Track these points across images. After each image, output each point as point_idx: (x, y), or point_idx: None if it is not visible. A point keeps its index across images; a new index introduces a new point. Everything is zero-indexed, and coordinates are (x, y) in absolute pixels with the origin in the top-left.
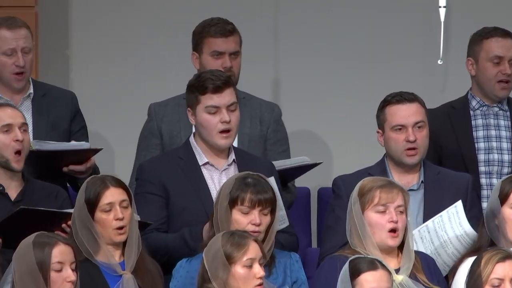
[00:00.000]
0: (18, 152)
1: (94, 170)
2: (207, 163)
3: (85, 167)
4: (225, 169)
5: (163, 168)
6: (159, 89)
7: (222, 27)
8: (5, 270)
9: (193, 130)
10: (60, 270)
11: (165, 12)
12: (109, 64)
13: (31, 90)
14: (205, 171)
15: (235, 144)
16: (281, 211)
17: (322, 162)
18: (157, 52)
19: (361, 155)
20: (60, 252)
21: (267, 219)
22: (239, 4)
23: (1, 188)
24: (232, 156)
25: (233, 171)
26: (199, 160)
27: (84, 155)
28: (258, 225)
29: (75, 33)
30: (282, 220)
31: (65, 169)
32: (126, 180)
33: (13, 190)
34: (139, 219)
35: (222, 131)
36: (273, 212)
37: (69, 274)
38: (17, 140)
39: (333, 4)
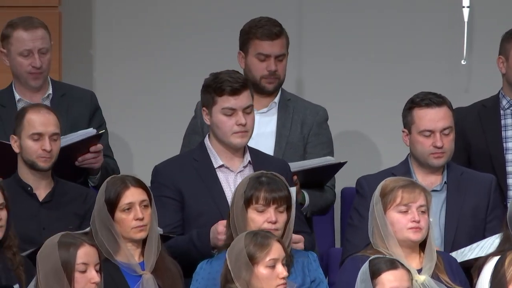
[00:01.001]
0: (42, 157)
1: (114, 170)
2: (222, 165)
3: (94, 155)
4: (240, 171)
5: (178, 171)
6: (182, 89)
7: (269, 30)
8: (30, 272)
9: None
10: (84, 271)
11: (189, 12)
12: (132, 63)
13: (50, 91)
14: (220, 174)
15: (272, 145)
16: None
17: (346, 162)
18: (181, 52)
19: (385, 154)
20: (85, 253)
21: (283, 217)
22: (262, 5)
23: (29, 188)
24: (248, 157)
25: (248, 173)
26: (214, 163)
27: (89, 144)
28: (274, 223)
29: (98, 33)
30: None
31: (76, 163)
32: (146, 180)
33: (41, 191)
34: (162, 232)
35: (237, 132)
36: (288, 209)
37: (93, 275)
38: (44, 150)
39: (357, 4)
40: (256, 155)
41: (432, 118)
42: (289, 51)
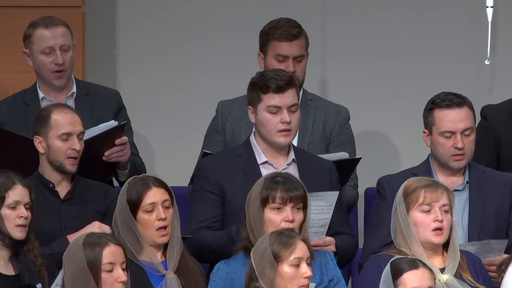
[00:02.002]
0: (72, 158)
1: (141, 166)
2: (266, 162)
3: (120, 147)
4: (284, 169)
5: (221, 167)
6: (204, 89)
7: (287, 31)
8: (52, 272)
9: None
10: (111, 271)
11: (212, 12)
12: (155, 63)
13: (74, 89)
14: (263, 170)
15: (294, 144)
16: (324, 227)
17: (361, 158)
18: (204, 52)
19: (407, 154)
20: (110, 253)
21: (300, 216)
22: (284, 5)
23: (51, 185)
24: (292, 156)
25: (292, 171)
26: (258, 159)
27: (114, 136)
28: (292, 221)
29: (122, 33)
30: (320, 233)
31: (104, 158)
32: (168, 180)
33: (63, 188)
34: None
35: (282, 131)
36: (304, 208)
37: (120, 274)
38: (73, 149)
39: (380, 4)
40: (301, 153)
41: (453, 119)
42: (312, 51)
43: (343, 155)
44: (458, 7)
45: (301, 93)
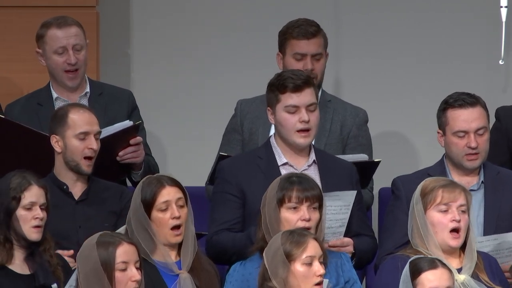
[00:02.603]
0: (88, 158)
1: (154, 166)
2: (286, 163)
3: (135, 148)
4: (304, 170)
5: (242, 169)
6: (219, 89)
7: (305, 29)
8: (67, 272)
9: (272, 129)
10: (124, 270)
11: (226, 12)
12: (170, 63)
13: (88, 89)
14: (283, 171)
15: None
16: (342, 227)
17: (380, 161)
18: (218, 52)
19: (423, 155)
20: (124, 251)
21: (316, 215)
22: (299, 5)
23: (65, 187)
24: (313, 157)
25: (313, 172)
26: (278, 160)
27: (128, 136)
28: (308, 220)
29: (136, 33)
30: (338, 233)
31: (118, 158)
32: (182, 180)
33: (77, 189)
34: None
35: (301, 130)
36: (320, 208)
37: (134, 273)
38: (90, 148)
39: (394, 4)
40: (321, 154)
41: (466, 118)
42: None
43: (362, 157)
44: (473, 7)
45: (319, 93)
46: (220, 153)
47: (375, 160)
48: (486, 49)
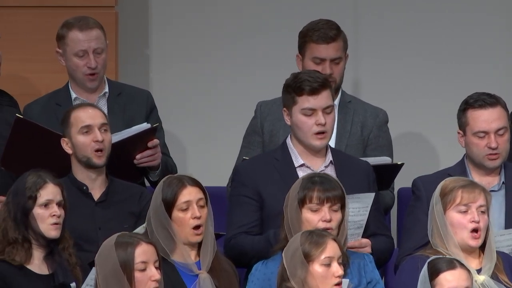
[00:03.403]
0: (98, 150)
1: (172, 166)
2: (303, 164)
3: (152, 151)
4: (321, 171)
5: (258, 171)
6: (238, 89)
7: (324, 33)
8: (86, 271)
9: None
10: (144, 270)
11: (246, 12)
12: (188, 63)
13: (106, 89)
14: (300, 173)
15: (332, 146)
16: (360, 228)
17: (404, 164)
18: (237, 52)
19: (443, 155)
20: (143, 251)
21: (337, 216)
22: (318, 6)
23: (84, 188)
24: (329, 157)
25: (330, 173)
26: (295, 162)
27: (146, 139)
28: (329, 221)
29: (155, 33)
30: (356, 235)
31: (135, 161)
32: (201, 181)
33: (96, 190)
34: None
35: (317, 133)
36: (342, 208)
37: (154, 273)
38: (96, 141)
39: (414, 4)
40: (338, 155)
41: (486, 119)
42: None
43: (385, 159)
44: (492, 7)
45: (339, 95)
46: (244, 157)
47: (398, 163)
48: (506, 49)
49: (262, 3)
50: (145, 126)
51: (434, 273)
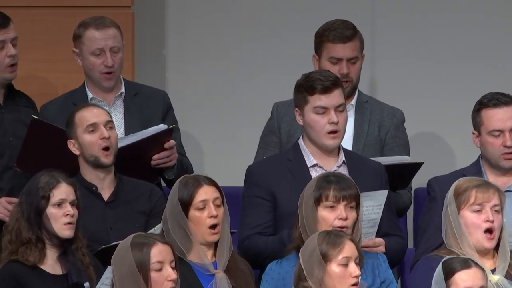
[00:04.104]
0: (106, 149)
1: (188, 166)
2: (315, 164)
3: (168, 152)
4: (334, 171)
5: (271, 171)
6: (254, 90)
7: (341, 33)
8: (99, 271)
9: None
10: (160, 270)
11: (263, 12)
12: (205, 63)
13: (123, 89)
14: (313, 173)
15: (350, 147)
16: (373, 227)
17: (423, 163)
18: (254, 53)
19: (460, 155)
20: (159, 252)
21: (353, 214)
22: (335, 6)
23: (94, 188)
24: (342, 158)
25: (342, 173)
26: (307, 162)
27: (162, 140)
28: (345, 219)
29: (171, 33)
30: (370, 233)
31: (153, 162)
32: (218, 181)
33: (106, 190)
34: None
35: (330, 132)
36: (357, 208)
37: (170, 272)
38: (103, 138)
39: (431, 4)
40: (351, 155)
41: (501, 117)
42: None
43: (404, 159)
44: (508, 8)
45: (356, 95)
46: (264, 157)
47: (418, 162)
48: None
49: (280, 4)
50: (162, 127)
51: (449, 273)
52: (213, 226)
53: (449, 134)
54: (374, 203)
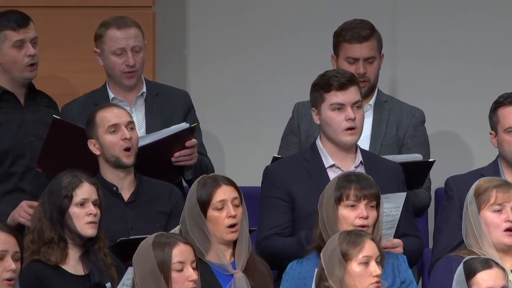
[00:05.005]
0: (127, 149)
1: (207, 166)
2: (333, 165)
3: (190, 151)
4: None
5: (288, 172)
6: (275, 90)
7: (357, 33)
8: (121, 271)
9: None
10: (181, 270)
11: (284, 12)
12: (226, 63)
13: (144, 89)
14: (331, 174)
15: (367, 146)
16: (392, 229)
17: (435, 161)
18: (275, 52)
19: (479, 155)
20: (180, 252)
21: (374, 213)
22: (356, 6)
23: (114, 188)
24: (359, 158)
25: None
26: (325, 163)
27: (184, 138)
28: (366, 218)
29: (192, 33)
30: (388, 235)
31: (173, 159)
32: (238, 181)
33: (126, 191)
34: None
35: (348, 129)
36: (377, 207)
37: (191, 273)
38: (125, 139)
39: (451, 5)
40: (368, 155)
41: None
42: (383, 52)
43: (416, 157)
44: None
45: (375, 94)
46: (274, 155)
47: (429, 160)
48: None
49: (301, 3)
50: (183, 125)
51: (470, 273)
52: (232, 226)
53: (469, 134)
54: (392, 205)
